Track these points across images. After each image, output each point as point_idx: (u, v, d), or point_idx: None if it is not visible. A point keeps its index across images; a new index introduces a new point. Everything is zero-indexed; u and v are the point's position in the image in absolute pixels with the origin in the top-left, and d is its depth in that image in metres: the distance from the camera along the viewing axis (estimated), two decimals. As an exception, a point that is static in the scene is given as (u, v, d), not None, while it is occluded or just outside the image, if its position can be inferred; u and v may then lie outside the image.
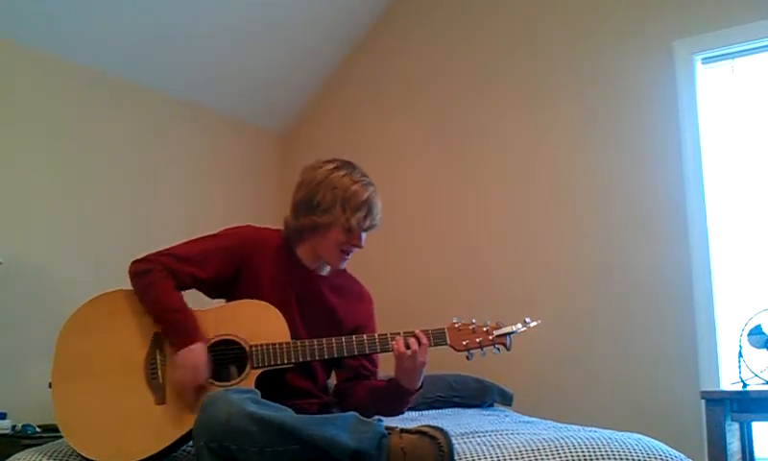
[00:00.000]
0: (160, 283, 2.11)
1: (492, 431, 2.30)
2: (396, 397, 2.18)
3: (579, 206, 3.94)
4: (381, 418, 1.92)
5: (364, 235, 2.23)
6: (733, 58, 3.68)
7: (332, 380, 2.39)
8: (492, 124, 4.24)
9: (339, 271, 2.33)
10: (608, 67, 3.92)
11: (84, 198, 3.60)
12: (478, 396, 3.46)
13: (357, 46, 4.69)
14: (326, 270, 2.31)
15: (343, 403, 2.29)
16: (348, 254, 2.25)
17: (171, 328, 2.07)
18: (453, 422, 2.71)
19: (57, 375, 2.04)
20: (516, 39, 4.22)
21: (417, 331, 2.06)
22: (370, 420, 1.87)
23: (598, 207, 3.89)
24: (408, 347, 2.04)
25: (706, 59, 3.72)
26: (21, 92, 3.39)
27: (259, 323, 2.09)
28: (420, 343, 2.05)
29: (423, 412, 3.24)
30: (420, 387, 2.17)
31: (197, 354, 2.03)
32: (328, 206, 2.17)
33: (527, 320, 2.13)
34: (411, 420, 2.86)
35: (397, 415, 2.28)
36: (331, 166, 2.23)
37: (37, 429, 2.91)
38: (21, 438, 2.83)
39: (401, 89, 4.55)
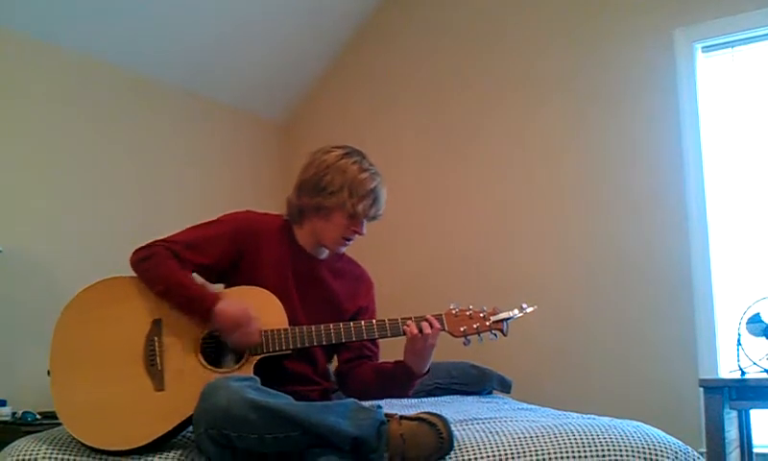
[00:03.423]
0: (165, 263, 2.11)
1: (490, 418, 2.30)
2: (402, 379, 2.20)
3: (577, 194, 3.94)
4: (380, 404, 1.93)
5: (365, 224, 2.23)
6: (734, 46, 3.67)
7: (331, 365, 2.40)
8: (489, 112, 4.23)
9: (338, 254, 2.34)
10: (608, 55, 3.91)
11: (83, 186, 3.60)
12: (477, 383, 3.47)
13: (355, 38, 4.68)
14: (326, 253, 2.31)
15: (345, 385, 2.31)
16: (348, 241, 2.26)
17: (187, 300, 2.07)
18: (452, 409, 2.71)
19: (55, 362, 2.04)
20: (515, 29, 4.20)
21: (428, 316, 2.10)
22: (369, 407, 1.88)
23: (597, 196, 3.89)
24: (421, 330, 2.07)
25: (706, 47, 3.72)
26: (22, 82, 3.38)
27: (257, 309, 2.09)
28: (431, 326, 2.08)
29: (422, 399, 3.24)
30: (427, 371, 2.20)
31: (232, 305, 2.05)
32: (335, 189, 2.18)
33: (524, 306, 2.14)
34: (410, 407, 2.87)
35: (402, 397, 2.30)
36: (342, 152, 2.24)
37: (38, 416, 2.92)
38: (21, 425, 2.83)
39: (398, 80, 4.54)
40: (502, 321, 2.11)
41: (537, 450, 1.90)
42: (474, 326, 2.10)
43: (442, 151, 4.36)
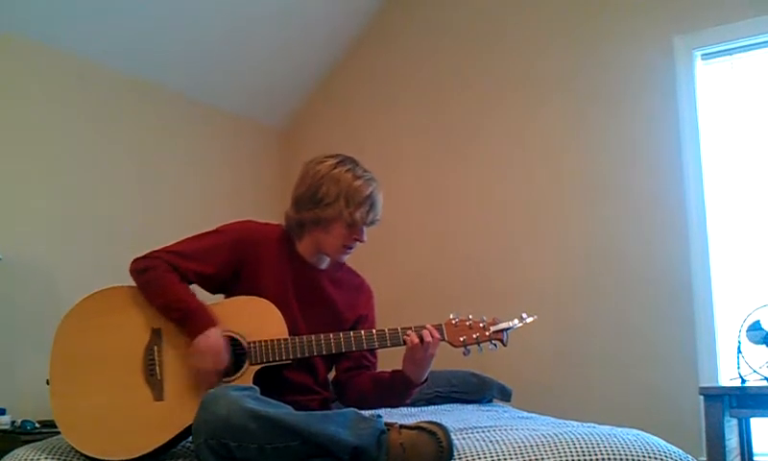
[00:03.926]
0: (164, 276, 2.11)
1: (490, 427, 2.30)
2: (400, 388, 2.20)
3: (577, 201, 3.94)
4: (380, 414, 1.93)
5: (365, 230, 2.23)
6: (733, 54, 3.68)
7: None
8: (488, 114, 4.24)
9: (338, 263, 2.34)
10: (608, 62, 3.92)
11: (83, 193, 3.60)
12: (477, 391, 3.46)
13: (355, 44, 4.69)
14: (326, 263, 2.31)
15: (343, 395, 2.31)
16: (350, 249, 2.25)
17: (183, 317, 2.07)
18: (452, 417, 2.71)
19: (54, 371, 2.03)
20: (514, 34, 4.21)
21: (427, 326, 2.10)
22: (369, 416, 1.88)
23: (596, 203, 3.89)
24: (422, 339, 2.07)
25: (705, 54, 3.73)
26: (22, 86, 3.38)
27: (257, 319, 2.10)
28: (432, 336, 2.08)
29: (422, 408, 3.24)
30: (425, 381, 2.20)
31: (214, 339, 2.03)
32: (332, 200, 2.18)
33: (523, 315, 2.14)
34: (410, 416, 2.86)
35: (400, 406, 2.29)
36: (334, 161, 2.23)
37: (37, 425, 2.92)
38: (21, 434, 2.83)
39: (398, 86, 4.54)
40: (502, 331, 2.11)
41: (537, 459, 1.89)
42: (474, 336, 2.10)
43: (442, 152, 4.36)
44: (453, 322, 2.11)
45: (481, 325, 2.11)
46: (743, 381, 3.02)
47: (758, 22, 3.55)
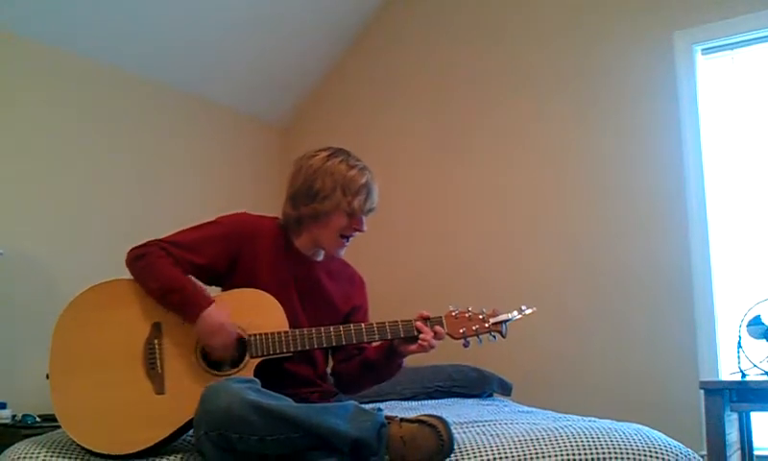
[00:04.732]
0: (159, 261, 2.10)
1: (491, 421, 2.31)
2: (386, 361, 2.22)
3: (578, 196, 3.94)
4: (381, 407, 1.93)
5: (365, 219, 2.24)
6: (734, 48, 3.68)
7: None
8: (489, 116, 4.23)
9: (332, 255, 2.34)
10: (608, 58, 3.92)
11: (84, 189, 3.60)
12: (477, 386, 3.47)
13: (355, 41, 4.69)
14: (321, 255, 2.32)
15: (340, 384, 2.33)
16: (347, 241, 2.26)
17: (180, 302, 2.06)
18: (452, 411, 2.71)
19: (54, 366, 2.03)
20: (515, 31, 4.21)
21: (437, 327, 2.11)
22: (369, 409, 1.89)
23: (597, 198, 3.89)
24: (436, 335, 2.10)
25: (706, 49, 3.72)
26: (22, 84, 3.38)
27: (258, 312, 2.10)
28: (436, 335, 2.11)
29: (423, 402, 3.25)
30: None
31: (216, 315, 2.04)
32: (329, 192, 2.18)
33: (523, 307, 2.15)
34: (410, 409, 2.87)
35: (391, 377, 2.31)
36: (326, 154, 2.25)
37: (38, 419, 2.92)
38: (21, 428, 2.83)
39: (399, 84, 4.54)
40: (501, 323, 2.12)
41: (537, 453, 1.90)
42: (473, 327, 2.10)
43: (442, 151, 4.36)
44: (453, 314, 2.12)
45: (480, 316, 2.12)
46: (743, 376, 3.01)
47: (759, 17, 3.55)
